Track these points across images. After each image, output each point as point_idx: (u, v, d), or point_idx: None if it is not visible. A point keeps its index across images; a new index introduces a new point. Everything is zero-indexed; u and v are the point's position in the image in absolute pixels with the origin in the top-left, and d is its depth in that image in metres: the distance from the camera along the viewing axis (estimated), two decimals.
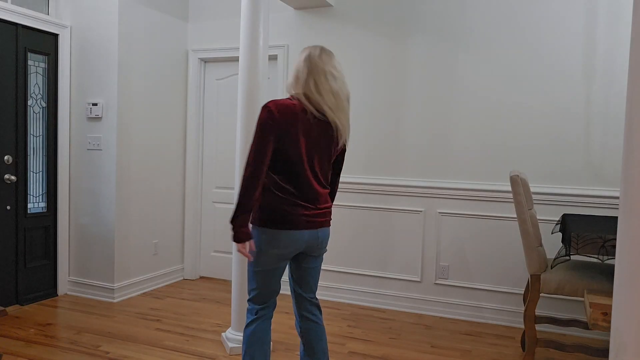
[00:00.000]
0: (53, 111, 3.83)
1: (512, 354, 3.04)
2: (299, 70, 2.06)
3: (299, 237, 2.03)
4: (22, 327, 3.24)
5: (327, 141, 2.07)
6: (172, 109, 4.34)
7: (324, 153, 2.08)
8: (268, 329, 2.17)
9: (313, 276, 2.22)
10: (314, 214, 2.06)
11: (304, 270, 2.19)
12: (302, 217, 2.02)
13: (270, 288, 2.13)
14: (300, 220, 2.02)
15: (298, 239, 2.04)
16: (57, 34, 3.80)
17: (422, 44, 3.71)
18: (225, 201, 4.45)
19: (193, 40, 4.45)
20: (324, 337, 2.24)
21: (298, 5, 3.95)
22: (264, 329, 2.15)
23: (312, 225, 2.06)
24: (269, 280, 2.11)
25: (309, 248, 2.11)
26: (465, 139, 3.62)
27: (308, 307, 2.23)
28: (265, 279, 2.11)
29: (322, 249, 2.17)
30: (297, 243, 2.05)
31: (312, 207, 2.05)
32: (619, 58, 3.23)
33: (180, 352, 2.92)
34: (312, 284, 2.23)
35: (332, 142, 2.09)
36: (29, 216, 3.68)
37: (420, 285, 3.77)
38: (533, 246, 2.69)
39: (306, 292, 2.22)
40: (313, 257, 2.17)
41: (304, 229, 2.03)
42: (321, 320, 2.25)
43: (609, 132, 3.28)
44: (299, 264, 2.19)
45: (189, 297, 4.00)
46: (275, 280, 2.13)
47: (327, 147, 2.08)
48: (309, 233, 2.06)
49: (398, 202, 3.80)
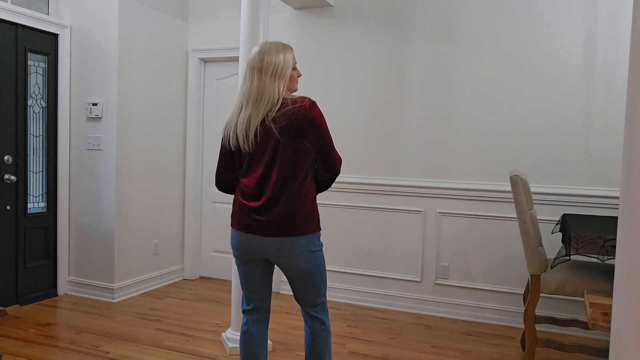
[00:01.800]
0: (53, 111, 3.83)
1: (512, 354, 3.04)
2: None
3: (247, 240, 1.98)
4: (22, 327, 3.24)
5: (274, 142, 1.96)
6: (172, 109, 4.34)
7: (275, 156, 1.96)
8: (258, 336, 2.11)
9: (299, 291, 2.07)
10: (262, 219, 1.94)
11: (290, 282, 2.09)
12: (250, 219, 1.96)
13: (247, 288, 2.09)
14: (250, 223, 1.96)
15: (246, 241, 1.99)
16: (57, 34, 3.80)
17: (422, 43, 3.71)
18: (225, 201, 4.45)
19: (193, 40, 4.44)
20: (317, 349, 2.11)
21: (298, 5, 3.95)
22: (253, 335, 2.10)
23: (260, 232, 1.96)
24: (243, 279, 2.08)
25: (271, 257, 2.00)
26: (465, 139, 3.62)
27: (306, 317, 2.13)
28: (241, 277, 2.09)
29: (286, 262, 1.98)
30: (246, 246, 2.00)
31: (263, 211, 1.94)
32: (619, 58, 3.23)
33: (180, 352, 2.92)
34: (301, 298, 2.09)
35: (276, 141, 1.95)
36: (29, 216, 3.68)
37: (420, 285, 3.77)
38: (533, 246, 2.69)
39: (301, 303, 2.12)
40: (288, 271, 2.03)
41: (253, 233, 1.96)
42: (318, 333, 2.10)
43: (609, 132, 3.28)
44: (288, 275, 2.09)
45: (189, 297, 4.00)
46: (249, 281, 2.06)
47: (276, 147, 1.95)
48: (259, 239, 1.96)
49: (398, 202, 3.80)
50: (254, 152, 1.96)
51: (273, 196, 1.93)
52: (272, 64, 1.94)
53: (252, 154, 1.97)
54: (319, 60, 3.98)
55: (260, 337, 2.13)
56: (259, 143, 1.94)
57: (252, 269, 2.05)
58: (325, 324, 2.12)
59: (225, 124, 2.06)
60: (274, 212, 1.93)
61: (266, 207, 1.94)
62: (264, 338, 2.15)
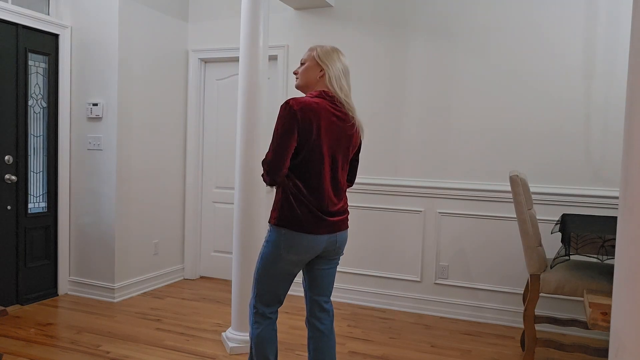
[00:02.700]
0: (53, 111, 3.84)
1: (512, 353, 3.04)
2: (325, 67, 2.03)
3: (318, 242, 2.01)
4: (23, 326, 3.24)
5: (347, 140, 2.05)
6: (172, 109, 4.34)
7: (344, 153, 2.06)
8: (275, 331, 2.17)
9: (326, 278, 2.16)
10: (333, 217, 2.03)
11: (317, 272, 2.15)
12: (321, 220, 1.99)
13: (279, 292, 2.11)
14: (320, 224, 1.99)
15: (317, 243, 2.01)
16: (58, 34, 3.80)
17: (422, 43, 3.72)
18: (225, 201, 4.45)
19: (193, 40, 4.45)
20: (327, 349, 2.14)
21: (298, 5, 3.95)
22: (274, 329, 2.15)
23: (330, 229, 2.02)
24: (281, 283, 2.09)
25: (326, 252, 2.08)
26: (465, 139, 3.62)
27: (317, 313, 2.17)
28: (283, 281, 2.09)
29: (339, 252, 2.14)
30: (315, 248, 2.02)
31: (330, 210, 2.02)
32: (619, 58, 3.24)
33: (180, 352, 2.92)
34: (325, 287, 2.17)
35: (351, 141, 2.07)
36: (29, 216, 3.68)
37: (420, 285, 3.78)
38: (533, 246, 2.69)
39: (318, 295, 2.17)
40: (328, 260, 2.14)
41: (324, 233, 2.01)
42: (329, 330, 2.17)
43: (609, 132, 3.28)
44: (312, 266, 2.14)
45: (189, 297, 4.00)
46: (288, 283, 2.12)
47: (347, 146, 2.06)
48: (328, 237, 2.04)
49: (398, 202, 3.81)
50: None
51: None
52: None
53: None
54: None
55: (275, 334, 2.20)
56: None
57: (297, 271, 2.15)
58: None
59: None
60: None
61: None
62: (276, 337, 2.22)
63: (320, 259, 2.12)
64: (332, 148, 2.00)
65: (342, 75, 2.05)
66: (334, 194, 2.03)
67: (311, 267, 2.15)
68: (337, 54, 2.08)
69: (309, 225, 1.97)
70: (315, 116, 1.93)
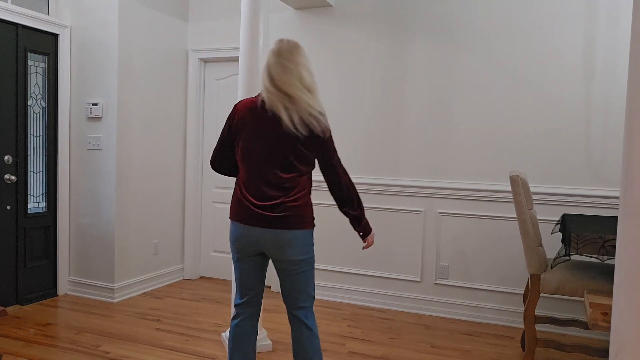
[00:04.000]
0: (53, 111, 3.83)
1: (512, 354, 3.04)
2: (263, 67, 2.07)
3: (248, 232, 2.02)
4: (22, 327, 3.24)
5: (276, 137, 1.98)
6: (172, 108, 4.34)
7: (275, 149, 1.99)
8: (247, 332, 2.13)
9: (286, 283, 2.08)
10: (262, 211, 1.99)
11: (279, 274, 2.10)
12: (247, 209, 2.01)
13: (242, 282, 2.12)
14: (246, 213, 2.01)
15: (247, 232, 2.02)
16: (57, 34, 3.80)
17: (422, 43, 3.71)
18: (225, 201, 4.45)
19: (193, 40, 4.45)
20: (303, 354, 2.08)
21: (298, 5, 3.95)
22: (243, 329, 2.13)
23: (262, 223, 1.99)
24: (239, 273, 2.12)
25: (268, 251, 2.04)
26: (465, 139, 3.62)
27: (291, 319, 2.12)
28: (237, 271, 2.13)
29: (285, 257, 2.01)
30: (246, 238, 2.03)
31: (262, 203, 2.00)
32: (619, 58, 3.23)
33: (180, 352, 2.92)
34: (286, 293, 2.10)
35: (282, 138, 1.98)
36: (29, 216, 3.68)
37: (420, 285, 3.78)
38: (533, 246, 2.69)
39: (286, 299, 2.12)
40: (280, 262, 2.05)
41: (253, 224, 2.00)
42: (307, 336, 2.08)
43: (609, 132, 3.28)
44: (276, 267, 2.10)
45: (189, 297, 4.00)
46: (245, 276, 2.11)
47: (277, 142, 1.99)
48: (261, 231, 2.00)
49: (398, 202, 3.80)
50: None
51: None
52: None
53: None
54: (319, 60, 3.97)
55: (247, 337, 2.15)
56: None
57: (251, 264, 2.16)
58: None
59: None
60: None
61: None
62: (255, 333, 2.18)
63: (275, 261, 2.07)
64: (260, 144, 2.01)
65: (267, 71, 2.00)
66: (270, 188, 2.00)
67: (276, 268, 2.11)
68: (270, 49, 2.05)
69: (236, 214, 2.05)
70: (243, 114, 2.04)
